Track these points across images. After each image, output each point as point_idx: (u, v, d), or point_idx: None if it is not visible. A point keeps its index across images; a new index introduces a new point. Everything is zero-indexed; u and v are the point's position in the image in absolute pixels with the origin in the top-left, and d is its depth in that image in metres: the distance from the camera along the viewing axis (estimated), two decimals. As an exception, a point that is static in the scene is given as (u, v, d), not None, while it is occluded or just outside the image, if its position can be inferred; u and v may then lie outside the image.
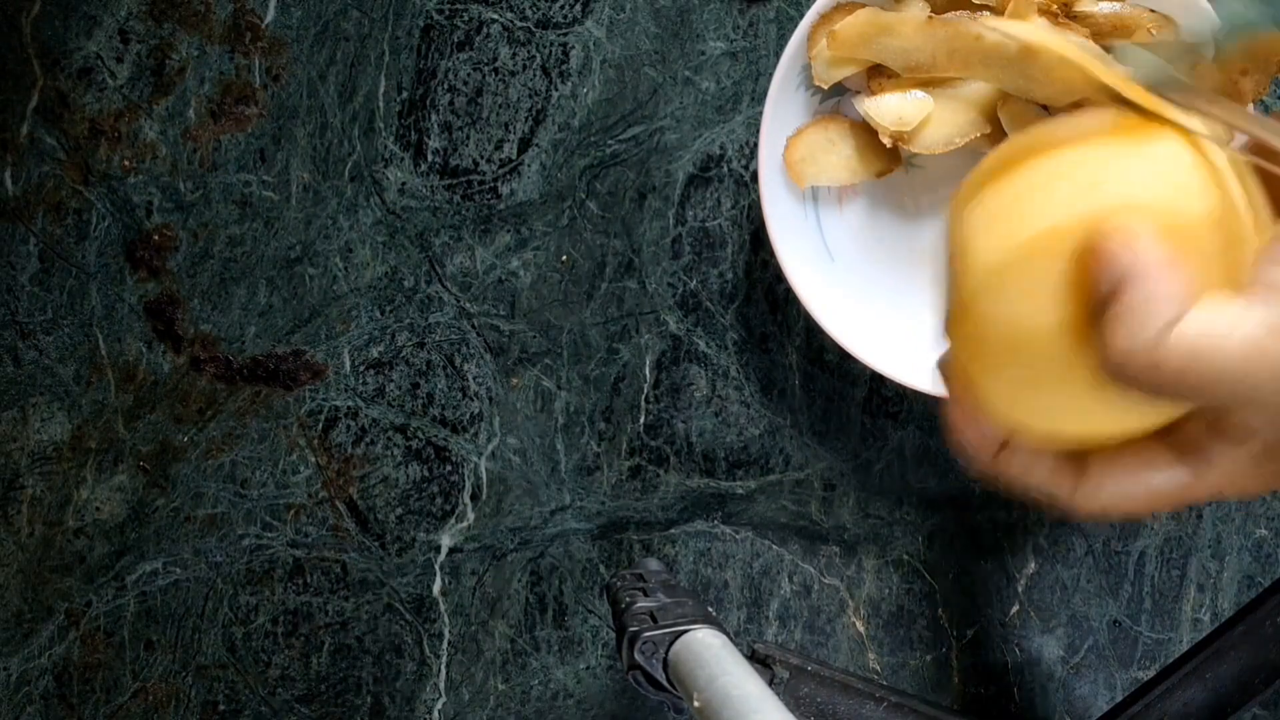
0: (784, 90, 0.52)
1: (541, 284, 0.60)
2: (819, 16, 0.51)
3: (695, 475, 0.60)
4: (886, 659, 0.59)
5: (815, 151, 0.53)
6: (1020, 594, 0.58)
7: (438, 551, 0.61)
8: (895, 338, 0.54)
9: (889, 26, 0.51)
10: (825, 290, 0.54)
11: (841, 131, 0.54)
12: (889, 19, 0.51)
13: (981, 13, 0.50)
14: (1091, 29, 0.49)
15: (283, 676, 0.62)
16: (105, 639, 0.63)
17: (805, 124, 0.53)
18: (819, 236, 0.55)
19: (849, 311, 0.54)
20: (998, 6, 0.50)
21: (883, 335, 0.54)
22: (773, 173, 0.53)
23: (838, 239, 0.55)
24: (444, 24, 0.60)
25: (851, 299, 0.54)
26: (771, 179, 0.53)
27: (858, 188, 0.55)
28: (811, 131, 0.53)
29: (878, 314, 0.55)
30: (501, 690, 0.61)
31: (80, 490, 0.63)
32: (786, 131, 0.53)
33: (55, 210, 0.62)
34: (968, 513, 0.58)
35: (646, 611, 0.45)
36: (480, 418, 0.61)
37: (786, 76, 0.52)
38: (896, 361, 0.53)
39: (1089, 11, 0.49)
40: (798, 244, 0.54)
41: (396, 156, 0.61)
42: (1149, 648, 0.57)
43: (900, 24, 0.50)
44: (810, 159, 0.53)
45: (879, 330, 0.54)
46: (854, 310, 0.54)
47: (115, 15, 0.62)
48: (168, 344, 0.62)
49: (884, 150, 0.53)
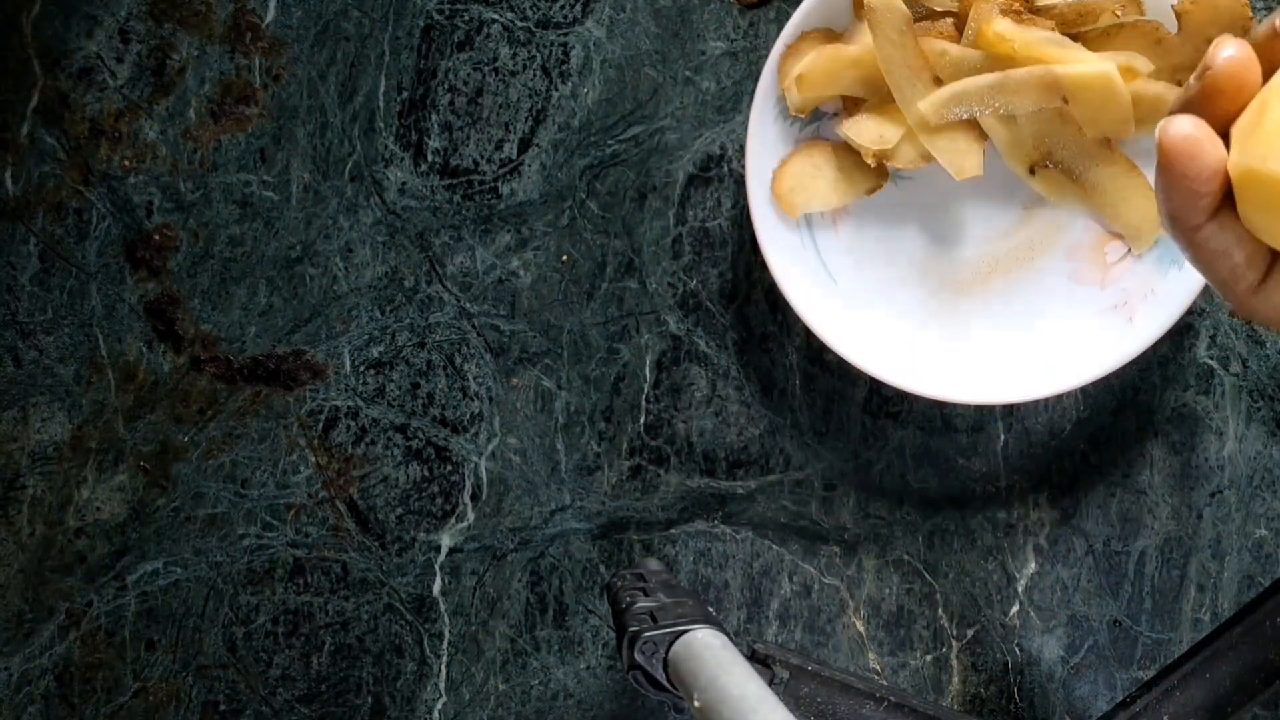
0: (762, 123, 0.53)
1: (541, 284, 0.60)
2: (785, 48, 0.51)
3: (695, 475, 0.60)
4: (886, 659, 0.59)
5: (803, 180, 0.53)
6: (1020, 594, 0.58)
7: (438, 551, 0.61)
8: (903, 348, 0.54)
9: (853, 61, 0.51)
10: (834, 314, 0.54)
11: (825, 156, 0.54)
12: (850, 54, 0.51)
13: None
14: (1056, 20, 0.49)
15: (283, 676, 0.62)
16: (106, 639, 0.63)
17: (789, 154, 0.54)
18: (819, 261, 0.55)
19: (858, 330, 0.54)
20: (960, 10, 0.51)
21: (892, 348, 0.54)
22: (764, 206, 0.53)
23: (837, 260, 0.55)
24: (444, 24, 0.60)
25: (859, 318, 0.54)
26: (763, 212, 0.53)
27: (849, 206, 0.55)
28: (796, 161, 0.53)
29: (884, 327, 0.55)
30: (501, 690, 0.61)
31: (81, 490, 0.63)
32: (771, 162, 0.53)
33: (55, 210, 0.62)
34: (968, 513, 0.58)
35: (646, 611, 0.45)
36: (480, 418, 0.61)
37: (763, 109, 0.52)
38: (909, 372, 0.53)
39: (1051, 3, 0.49)
40: (800, 275, 0.54)
41: (396, 156, 0.61)
42: (1149, 648, 0.57)
43: (863, 56, 0.51)
44: (799, 188, 0.53)
45: (888, 344, 0.54)
46: (862, 328, 0.54)
47: (115, 15, 0.62)
48: (168, 344, 0.62)
49: (870, 168, 0.53)
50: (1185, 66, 0.48)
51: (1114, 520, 0.57)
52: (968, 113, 0.50)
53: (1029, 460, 0.58)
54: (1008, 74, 0.48)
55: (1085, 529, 0.58)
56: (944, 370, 0.54)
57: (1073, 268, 0.54)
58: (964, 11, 0.50)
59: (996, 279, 0.55)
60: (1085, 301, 0.54)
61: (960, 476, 0.58)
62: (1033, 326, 0.54)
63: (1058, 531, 0.58)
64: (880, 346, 0.54)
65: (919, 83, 0.50)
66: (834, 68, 0.51)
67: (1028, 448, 0.58)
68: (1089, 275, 0.54)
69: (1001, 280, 0.55)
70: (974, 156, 0.51)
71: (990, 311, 0.55)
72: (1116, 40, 0.49)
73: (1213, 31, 0.47)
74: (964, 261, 0.55)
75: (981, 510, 0.58)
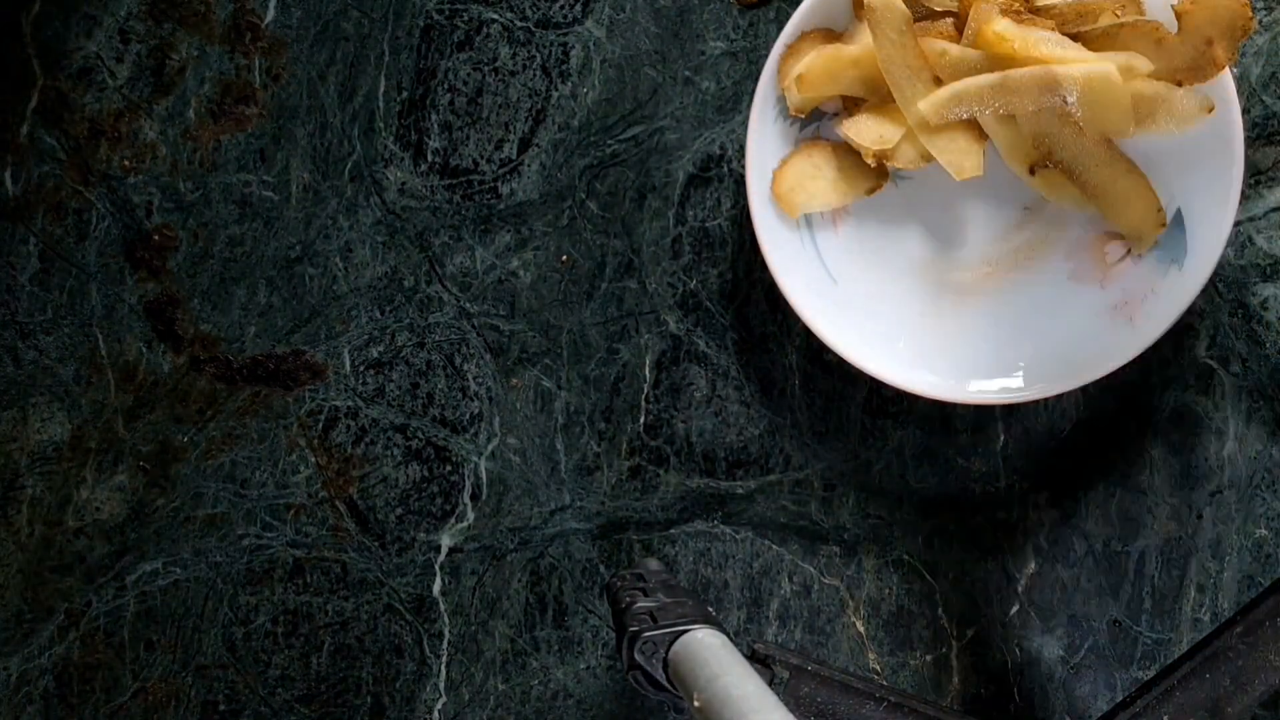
0: (762, 123, 0.53)
1: (541, 284, 0.60)
2: (785, 48, 0.51)
3: (695, 475, 0.60)
4: (886, 659, 0.59)
5: (803, 180, 0.53)
6: (1020, 594, 0.58)
7: (438, 551, 0.61)
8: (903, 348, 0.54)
9: (853, 61, 0.51)
10: (834, 314, 0.54)
11: (825, 156, 0.54)
12: (850, 54, 0.51)
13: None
14: (1057, 20, 0.49)
15: (283, 676, 0.62)
16: (105, 639, 0.63)
17: (789, 154, 0.53)
18: (819, 263, 0.55)
19: (858, 330, 0.54)
20: (960, 10, 0.51)
21: (892, 347, 0.54)
22: (764, 206, 0.53)
23: (837, 260, 0.55)
24: (444, 24, 0.60)
25: (859, 317, 0.54)
26: (764, 213, 0.53)
27: (849, 206, 0.55)
28: (796, 161, 0.53)
29: (884, 327, 0.55)
30: (501, 690, 0.61)
31: (80, 490, 0.63)
32: (771, 162, 0.53)
33: (55, 210, 0.62)
34: (968, 513, 0.58)
35: (646, 611, 0.45)
36: (480, 418, 0.61)
37: (763, 109, 0.52)
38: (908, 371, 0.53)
39: (1051, 3, 0.50)
40: (800, 275, 0.54)
41: (396, 156, 0.61)
42: (1149, 648, 0.57)
43: (863, 56, 0.51)
44: (799, 188, 0.53)
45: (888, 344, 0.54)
46: (862, 328, 0.54)
47: (115, 15, 0.62)
48: (168, 344, 0.62)
49: (870, 168, 0.53)
50: (1185, 67, 0.48)
51: (1114, 520, 0.57)
52: (968, 113, 0.50)
53: (1029, 460, 0.58)
54: (1008, 74, 0.48)
55: (1085, 529, 0.58)
56: (944, 370, 0.54)
57: (1073, 267, 0.54)
58: (964, 11, 0.50)
59: (997, 279, 0.55)
60: (1085, 301, 0.54)
61: (960, 476, 0.58)
62: (1033, 327, 0.54)
63: (1058, 531, 0.58)
64: (880, 346, 0.54)
65: (919, 83, 0.50)
66: (834, 67, 0.51)
67: (1028, 448, 0.58)
68: (1089, 275, 0.54)
69: (1002, 280, 0.55)
70: (974, 156, 0.51)
71: (990, 311, 0.55)
72: (1116, 40, 0.49)
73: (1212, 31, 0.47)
74: (964, 261, 0.55)
75: (981, 510, 0.58)
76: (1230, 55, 0.47)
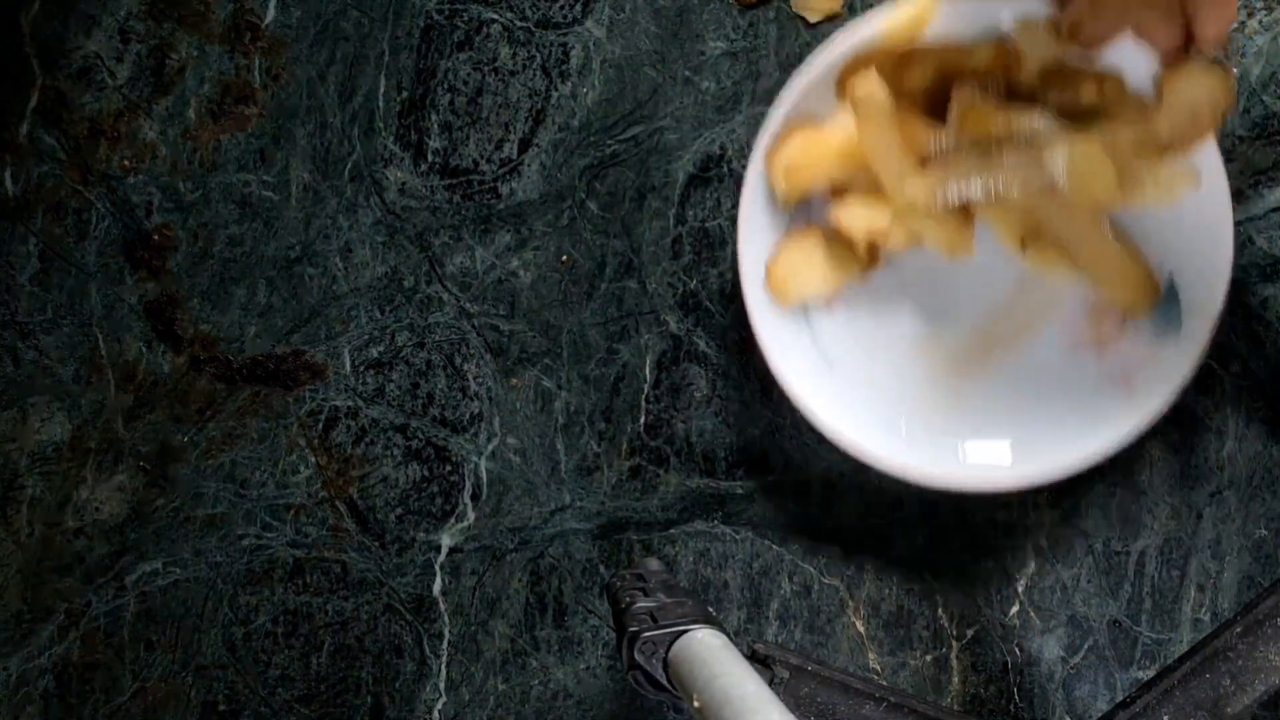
0: (752, 213, 0.52)
1: (541, 284, 0.60)
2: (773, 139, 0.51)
3: (695, 475, 0.60)
4: (886, 659, 0.59)
5: (797, 268, 0.53)
6: (1020, 594, 0.58)
7: (438, 551, 0.61)
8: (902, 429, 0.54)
9: (838, 149, 0.51)
10: (832, 400, 0.53)
11: (816, 242, 0.53)
12: (835, 142, 0.51)
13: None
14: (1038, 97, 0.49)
15: (283, 676, 0.62)
16: (105, 639, 0.63)
17: (780, 242, 0.53)
18: (814, 348, 0.54)
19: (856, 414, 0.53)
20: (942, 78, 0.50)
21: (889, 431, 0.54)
22: (758, 295, 0.53)
23: (833, 344, 0.55)
24: (444, 24, 0.60)
25: (855, 402, 0.54)
26: (758, 302, 0.52)
27: (842, 288, 0.55)
28: (788, 250, 0.53)
29: (882, 410, 0.54)
30: (501, 690, 0.61)
31: (80, 490, 0.63)
32: (763, 251, 0.53)
33: (55, 210, 0.62)
34: (968, 513, 0.58)
35: (646, 611, 0.45)
36: (480, 418, 0.61)
37: (752, 199, 0.52)
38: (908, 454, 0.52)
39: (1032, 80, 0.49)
40: (796, 362, 0.53)
41: (396, 156, 0.61)
42: (1149, 648, 0.57)
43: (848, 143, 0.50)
44: (793, 276, 0.53)
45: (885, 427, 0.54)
46: (860, 411, 0.53)
47: (115, 15, 0.62)
48: (167, 344, 0.62)
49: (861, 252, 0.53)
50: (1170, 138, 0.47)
51: (1114, 520, 0.57)
52: (957, 197, 0.50)
53: (1029, 460, 0.58)
54: (993, 156, 0.48)
55: (1085, 529, 0.58)
56: (945, 452, 0.53)
57: (1069, 339, 0.54)
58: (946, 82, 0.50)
59: (993, 354, 0.55)
60: (1084, 373, 0.53)
61: (960, 476, 0.58)
62: (1032, 401, 0.54)
63: (1058, 531, 0.58)
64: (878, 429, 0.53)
65: (906, 168, 0.50)
66: (819, 157, 0.51)
67: (1028, 448, 0.58)
68: (1086, 346, 0.54)
69: (999, 355, 0.55)
70: (965, 237, 0.51)
71: (989, 388, 0.54)
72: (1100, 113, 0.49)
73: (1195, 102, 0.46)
74: (960, 338, 0.55)
75: (981, 510, 0.58)
76: (1213, 125, 0.46)
